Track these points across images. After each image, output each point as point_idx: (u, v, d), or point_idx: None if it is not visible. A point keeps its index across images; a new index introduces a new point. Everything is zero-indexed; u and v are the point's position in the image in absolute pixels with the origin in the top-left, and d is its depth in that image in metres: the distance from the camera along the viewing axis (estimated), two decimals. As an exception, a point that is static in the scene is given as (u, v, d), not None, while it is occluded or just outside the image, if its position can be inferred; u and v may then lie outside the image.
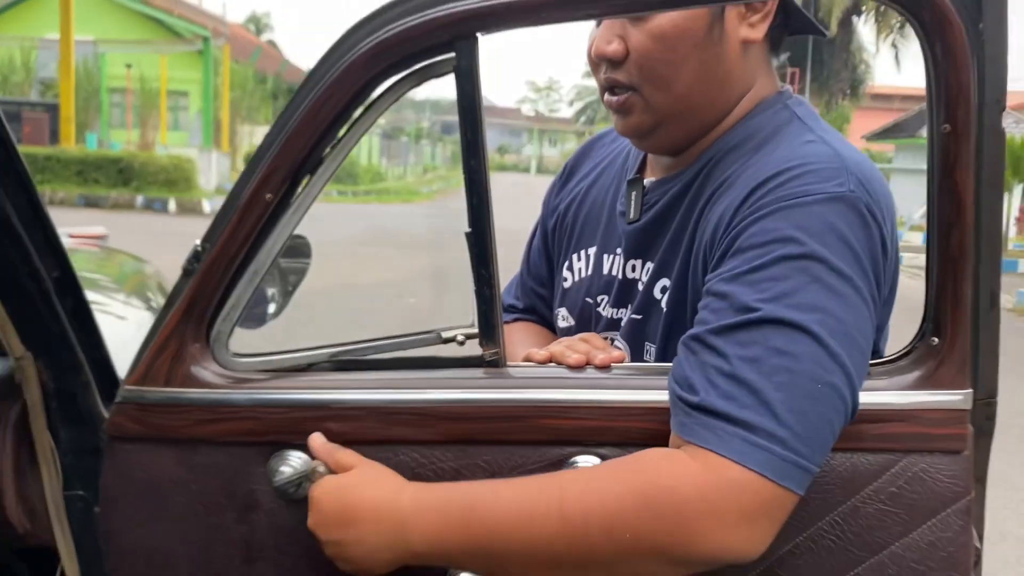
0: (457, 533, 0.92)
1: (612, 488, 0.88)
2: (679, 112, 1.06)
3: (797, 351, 0.86)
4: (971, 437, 0.97)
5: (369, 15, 0.96)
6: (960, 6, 0.87)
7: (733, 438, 0.85)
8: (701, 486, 0.85)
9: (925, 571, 0.95)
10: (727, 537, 0.85)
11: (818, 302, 0.87)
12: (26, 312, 1.04)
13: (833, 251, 0.89)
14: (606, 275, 1.18)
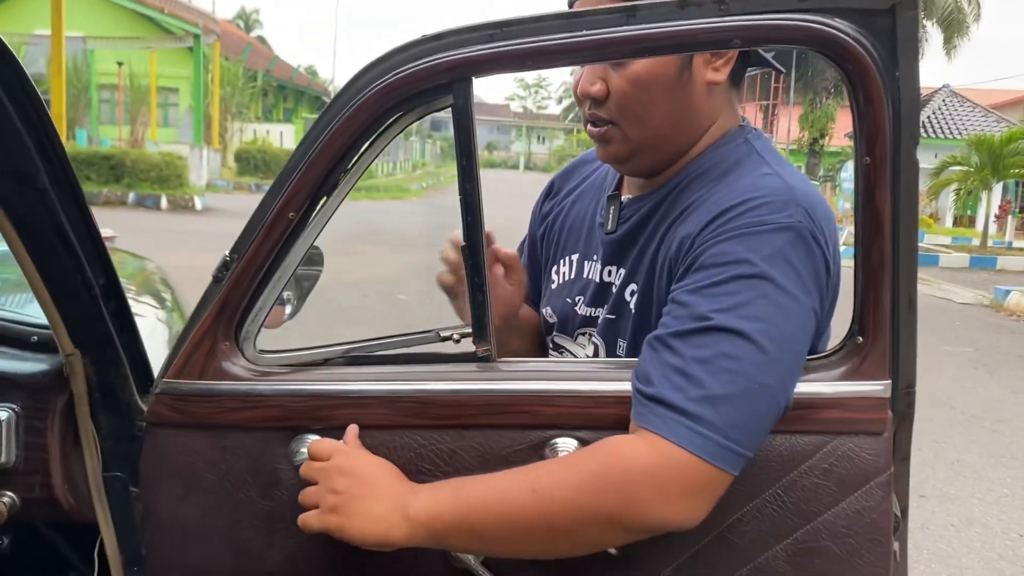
0: (449, 507, 1.06)
1: (577, 468, 1.04)
2: (652, 144, 1.21)
3: (741, 355, 1.01)
4: (891, 421, 1.11)
5: (377, 59, 1.11)
6: (878, 58, 1.01)
7: (678, 425, 1.00)
8: (649, 465, 1.00)
9: (852, 535, 1.10)
10: (669, 509, 1.01)
11: (763, 315, 1.02)
12: (76, 314, 1.17)
13: (780, 272, 1.03)
14: (585, 278, 1.33)
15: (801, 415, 1.09)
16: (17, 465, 1.23)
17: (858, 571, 1.11)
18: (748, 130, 1.24)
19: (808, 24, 1.02)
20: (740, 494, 1.10)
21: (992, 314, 11.08)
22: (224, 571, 1.22)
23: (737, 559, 1.12)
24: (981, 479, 4.76)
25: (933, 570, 3.64)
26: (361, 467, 1.10)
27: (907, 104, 1.04)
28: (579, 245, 1.37)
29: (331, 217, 1.15)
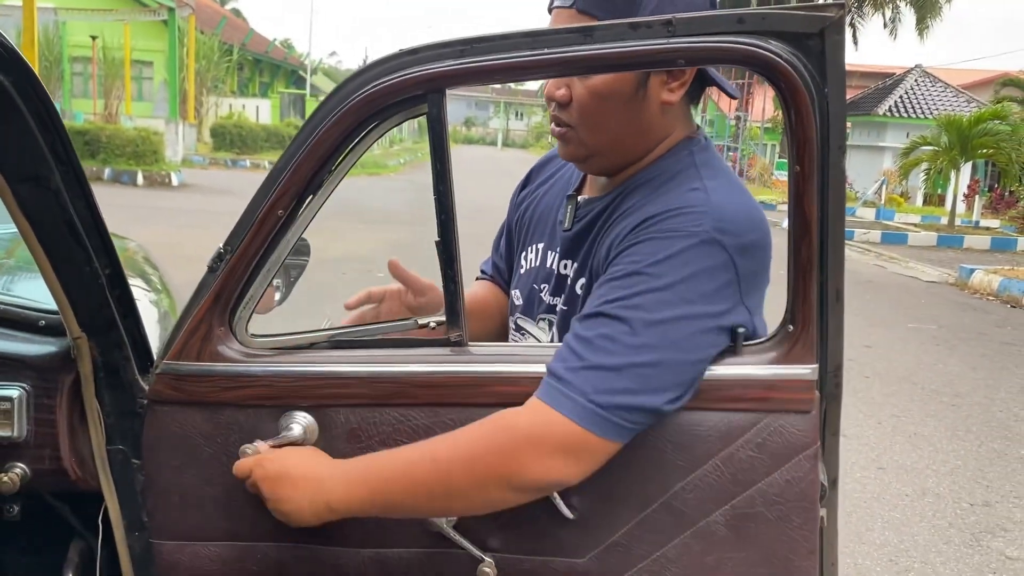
0: (365, 485, 1.22)
1: (469, 435, 1.19)
2: (605, 150, 1.33)
3: (616, 336, 1.15)
4: (818, 400, 1.24)
5: (358, 71, 1.22)
6: (808, 77, 1.13)
7: (552, 389, 1.15)
8: (528, 425, 1.15)
9: (783, 502, 1.23)
10: (545, 467, 1.14)
11: (644, 304, 1.15)
12: (84, 302, 1.27)
13: (674, 272, 1.15)
14: (548, 268, 1.45)
15: (738, 394, 1.22)
16: (28, 439, 1.34)
17: (788, 534, 1.24)
18: (695, 142, 1.34)
19: (745, 46, 1.13)
20: (682, 465, 1.23)
21: (957, 292, 11.35)
22: (219, 534, 1.34)
23: (681, 524, 1.25)
24: (937, 451, 4.96)
25: (886, 538, 3.82)
26: (275, 473, 1.24)
27: (835, 118, 1.16)
28: (544, 235, 1.49)
29: (316, 213, 1.27)
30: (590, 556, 1.27)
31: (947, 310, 9.87)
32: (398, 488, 1.21)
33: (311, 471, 1.24)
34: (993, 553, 3.75)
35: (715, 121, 34.25)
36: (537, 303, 1.47)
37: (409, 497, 1.21)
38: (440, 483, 1.19)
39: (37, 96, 1.11)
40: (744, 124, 30.97)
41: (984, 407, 5.92)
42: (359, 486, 1.22)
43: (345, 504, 1.23)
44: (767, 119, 31.53)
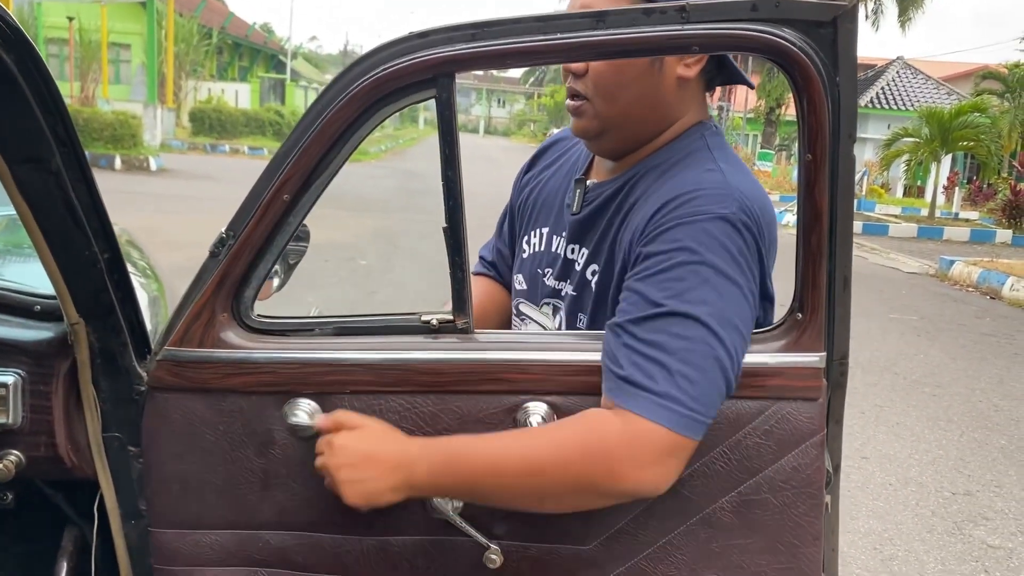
0: (451, 475, 1.20)
1: (562, 439, 1.17)
2: (619, 123, 1.32)
3: (692, 335, 1.14)
4: (825, 388, 1.24)
5: (366, 54, 1.20)
6: (820, 65, 1.13)
7: (647, 401, 1.12)
8: (624, 437, 1.13)
9: (789, 488, 1.24)
10: (642, 475, 1.14)
11: (707, 297, 1.14)
12: (83, 286, 1.24)
13: (719, 258, 1.16)
14: (553, 252, 1.44)
15: (746, 382, 1.22)
16: (23, 426, 1.32)
17: (793, 520, 1.25)
18: (707, 127, 1.34)
19: (759, 33, 1.13)
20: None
21: (937, 283, 11.46)
22: (220, 523, 1.32)
23: (688, 510, 1.25)
24: (919, 441, 5.01)
25: (870, 526, 3.86)
26: (363, 451, 1.20)
27: (846, 106, 1.15)
28: (549, 219, 1.48)
29: (318, 198, 1.25)
30: (596, 543, 1.27)
31: (928, 301, 9.97)
32: (487, 482, 1.19)
33: (398, 453, 1.20)
34: (975, 541, 3.79)
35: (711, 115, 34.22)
36: (540, 287, 1.46)
37: (497, 491, 1.20)
38: (531, 483, 1.18)
39: (39, 75, 1.08)
40: (727, 114, 31.08)
41: (965, 397, 5.98)
42: (445, 474, 1.19)
43: (430, 489, 1.21)
44: (749, 109, 31.64)
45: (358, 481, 1.19)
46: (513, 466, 1.18)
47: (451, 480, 1.20)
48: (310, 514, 1.31)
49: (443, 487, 1.21)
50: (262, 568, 1.33)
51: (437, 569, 1.30)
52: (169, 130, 23.94)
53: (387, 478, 1.19)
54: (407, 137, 43.02)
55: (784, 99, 29.12)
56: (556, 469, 1.16)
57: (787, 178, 26.24)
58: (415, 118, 60.96)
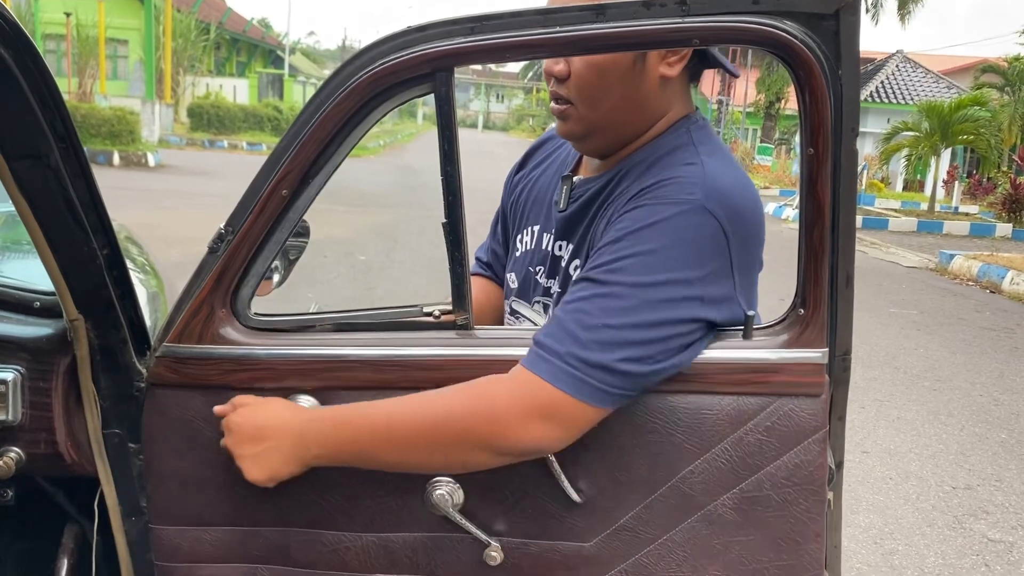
0: (342, 438, 1.21)
1: (455, 395, 1.18)
2: (604, 126, 1.31)
3: (594, 299, 1.14)
4: (827, 384, 1.24)
5: (364, 48, 1.19)
6: (823, 58, 1.12)
7: (533, 355, 1.15)
8: (508, 389, 1.16)
9: (791, 485, 1.23)
10: (525, 429, 1.14)
11: (627, 268, 1.14)
12: (82, 282, 1.24)
13: (660, 238, 1.14)
14: (543, 250, 1.44)
15: (748, 378, 1.21)
16: (23, 423, 1.31)
17: (795, 517, 1.24)
18: (692, 119, 1.33)
19: (760, 26, 1.12)
20: (691, 448, 1.22)
21: (937, 277, 11.45)
22: (220, 519, 1.32)
23: (689, 507, 1.24)
24: (919, 435, 5.01)
25: (871, 520, 3.86)
26: (253, 424, 1.22)
27: (848, 100, 1.15)
28: (540, 217, 1.48)
29: (318, 193, 1.24)
30: (597, 540, 1.26)
31: (928, 295, 9.96)
32: (378, 443, 1.20)
33: (289, 422, 1.22)
34: (976, 535, 3.79)
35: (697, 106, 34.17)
36: (533, 286, 1.45)
37: (388, 447, 1.20)
38: (422, 438, 1.18)
39: (38, 71, 1.08)
40: (726, 109, 31.05)
41: (965, 391, 5.98)
42: (337, 437, 1.21)
43: (325, 455, 1.22)
44: (749, 104, 31.61)
45: (254, 456, 1.22)
46: (403, 424, 1.19)
47: (343, 443, 1.21)
48: (310, 511, 1.30)
49: (337, 452, 1.22)
50: (262, 565, 1.33)
51: (437, 566, 1.30)
52: (167, 126, 23.91)
53: (281, 448, 1.21)
54: (405, 132, 42.99)
55: (784, 93, 29.12)
56: (445, 424, 1.17)
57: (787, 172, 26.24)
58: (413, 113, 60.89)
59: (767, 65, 28.92)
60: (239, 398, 1.26)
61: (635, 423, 1.22)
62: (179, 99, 27.49)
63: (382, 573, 1.31)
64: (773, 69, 28.52)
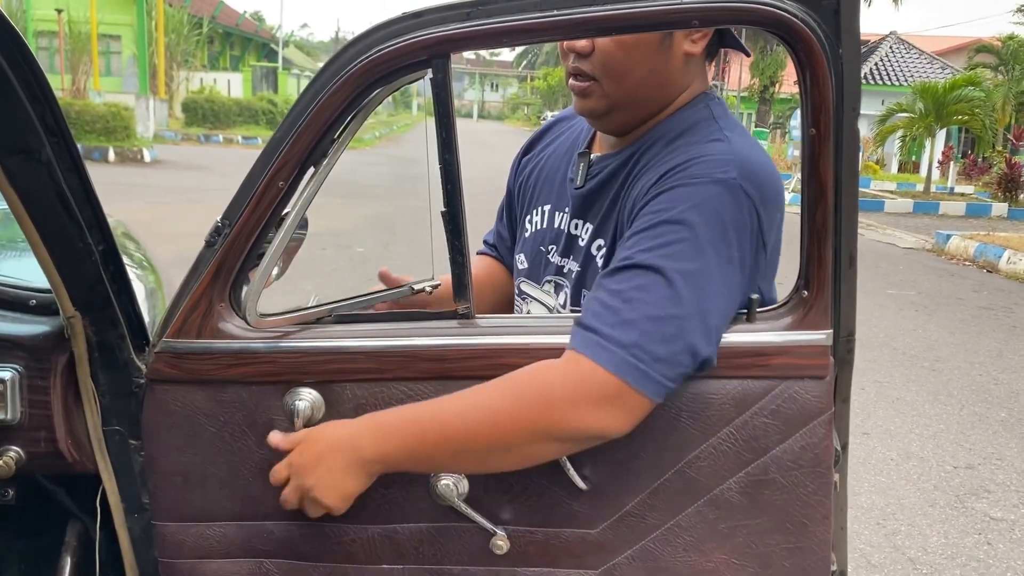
0: (396, 441, 1.17)
1: (503, 387, 1.15)
2: (627, 102, 1.30)
3: (651, 287, 1.12)
4: (832, 366, 1.23)
5: (359, 36, 1.17)
6: (823, 37, 1.11)
7: (590, 341, 1.12)
8: (564, 375, 1.12)
9: (798, 468, 1.22)
10: (584, 416, 1.11)
11: (679, 254, 1.12)
12: (78, 279, 1.23)
13: (703, 220, 1.13)
14: (556, 229, 1.43)
15: (752, 361, 1.20)
16: (22, 422, 1.30)
17: (802, 500, 1.24)
18: (711, 96, 1.34)
19: (760, 6, 1.10)
20: (697, 433, 1.22)
21: (934, 258, 11.45)
22: (224, 515, 1.31)
23: (695, 492, 1.24)
24: (919, 416, 5.01)
25: (873, 501, 3.86)
26: (308, 452, 1.19)
27: (849, 80, 1.13)
28: (551, 197, 1.46)
29: (321, 185, 1.23)
30: (603, 526, 1.26)
31: (925, 276, 9.96)
32: (433, 440, 1.16)
33: (340, 436, 1.19)
34: (977, 514, 3.80)
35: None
36: (544, 265, 1.44)
37: (446, 449, 1.16)
38: (480, 436, 1.14)
39: (27, 66, 1.06)
40: (721, 93, 30.96)
41: (964, 371, 5.99)
42: (390, 441, 1.17)
43: (383, 462, 1.18)
44: (744, 88, 31.53)
45: (317, 481, 1.18)
46: (456, 420, 1.15)
47: (398, 446, 1.17)
48: None
49: (393, 456, 1.18)
50: (267, 559, 1.32)
51: (443, 556, 1.29)
52: (162, 121, 23.84)
53: (338, 465, 1.18)
54: (401, 123, 42.85)
55: (778, 77, 29.05)
56: (503, 418, 1.13)
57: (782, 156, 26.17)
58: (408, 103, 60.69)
59: (761, 49, 28.83)
60: (294, 436, 1.21)
61: None
62: (173, 94, 27.40)
63: (388, 564, 1.30)
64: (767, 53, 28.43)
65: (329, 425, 1.22)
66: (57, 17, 21.79)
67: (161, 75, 25.54)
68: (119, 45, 27.17)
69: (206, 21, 30.95)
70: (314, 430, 1.21)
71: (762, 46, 28.78)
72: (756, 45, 28.98)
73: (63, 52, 22.35)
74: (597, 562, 1.27)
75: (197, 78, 29.72)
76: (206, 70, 32.09)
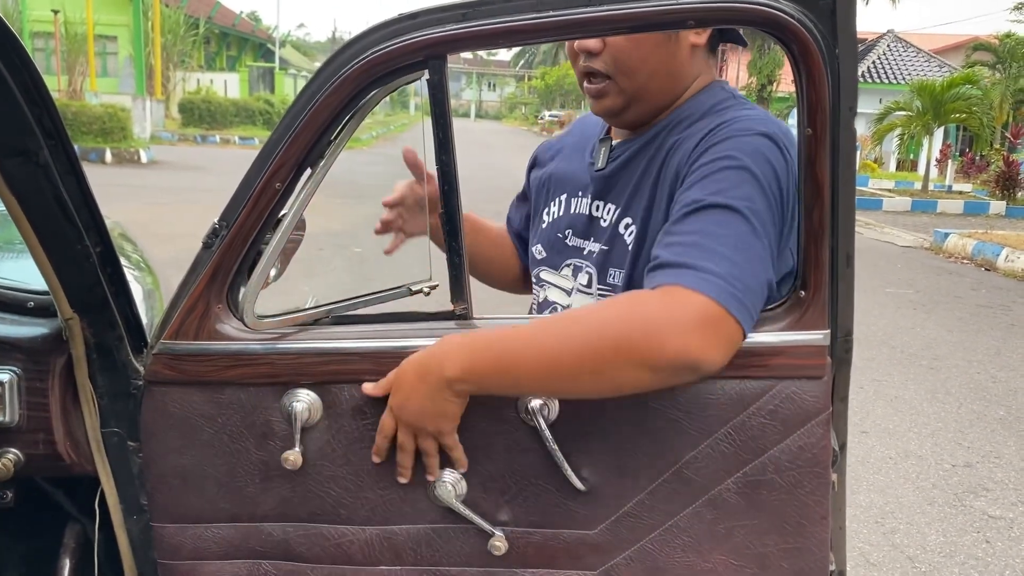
0: (486, 357, 1.15)
1: (601, 309, 1.15)
2: (643, 95, 1.35)
3: (731, 223, 1.15)
4: (830, 366, 1.23)
5: (355, 37, 1.17)
6: (819, 36, 1.11)
7: (683, 274, 1.10)
8: (663, 303, 1.09)
9: (795, 468, 1.22)
10: (686, 342, 1.07)
11: (745, 195, 1.16)
12: (75, 281, 1.23)
13: (758, 166, 1.19)
14: (572, 213, 1.45)
15: (749, 361, 1.20)
16: (20, 424, 1.30)
17: (800, 500, 1.23)
18: (724, 83, 1.41)
19: (756, 5, 1.10)
20: (695, 434, 1.22)
21: (932, 256, 11.47)
22: (221, 515, 1.31)
23: (693, 493, 1.24)
24: (918, 414, 5.02)
25: (871, 500, 3.87)
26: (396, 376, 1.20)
27: (846, 79, 1.13)
28: (566, 188, 1.50)
29: (319, 187, 1.23)
30: (601, 527, 1.26)
31: (923, 274, 9.98)
32: (526, 357, 1.13)
33: (422, 360, 1.18)
34: (976, 512, 3.81)
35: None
36: (561, 250, 1.46)
37: (536, 368, 1.13)
38: (573, 354, 1.11)
39: (24, 67, 1.06)
40: (717, 92, 30.92)
41: (962, 369, 6.00)
42: (481, 352, 1.15)
43: (466, 371, 1.15)
44: (741, 87, 31.54)
45: (420, 413, 1.18)
46: (550, 339, 1.13)
47: (487, 362, 1.15)
48: (311, 505, 1.29)
49: (481, 372, 1.15)
50: (265, 560, 1.32)
51: (441, 557, 1.29)
52: (159, 122, 23.82)
53: (427, 390, 1.16)
54: (398, 123, 42.85)
55: (775, 76, 29.04)
56: (597, 337, 1.10)
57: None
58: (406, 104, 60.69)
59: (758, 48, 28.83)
60: (384, 381, 1.21)
61: (637, 409, 1.21)
62: (170, 95, 27.39)
63: (386, 566, 1.30)
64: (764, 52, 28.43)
65: (415, 355, 1.20)
66: (53, 18, 21.77)
67: (158, 76, 25.53)
68: (115, 46, 27.16)
69: (202, 21, 30.93)
70: (400, 365, 1.20)
71: (759, 45, 28.79)
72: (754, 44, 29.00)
73: (59, 53, 22.32)
74: (595, 563, 1.27)
75: (194, 78, 29.71)
76: (203, 70, 32.08)
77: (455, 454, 1.23)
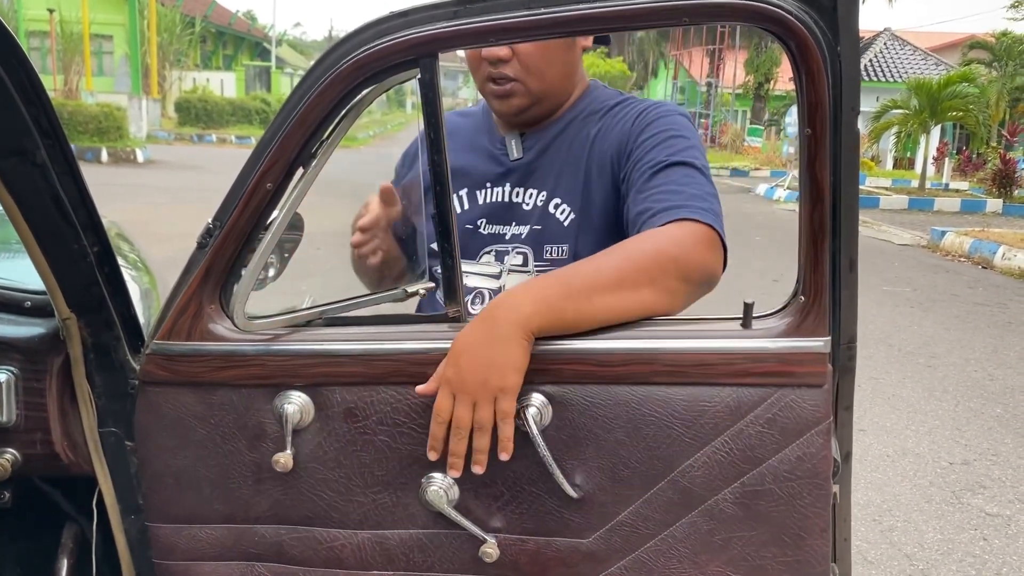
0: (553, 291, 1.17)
1: (641, 241, 1.27)
2: (546, 95, 1.50)
3: (692, 174, 1.36)
4: (830, 374, 1.19)
5: (347, 36, 1.16)
6: (820, 34, 1.09)
7: (682, 210, 1.28)
8: (680, 231, 1.26)
9: (794, 479, 1.19)
10: (704, 256, 1.25)
11: (692, 155, 1.39)
12: (73, 281, 1.22)
13: (690, 134, 1.45)
14: (484, 204, 1.53)
15: (747, 368, 1.17)
16: (18, 424, 1.30)
17: (799, 512, 1.20)
18: (601, 83, 1.63)
19: (754, 3, 1.08)
20: (691, 442, 1.19)
21: (929, 254, 11.47)
22: (215, 516, 1.30)
23: (689, 502, 1.21)
24: (915, 412, 5.02)
25: (869, 498, 3.87)
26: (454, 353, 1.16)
27: (848, 78, 1.10)
28: (465, 183, 1.56)
29: (311, 186, 1.22)
30: (594, 536, 1.24)
31: (920, 272, 9.98)
32: (593, 280, 1.19)
33: (485, 313, 1.16)
34: (974, 510, 3.81)
35: (686, 88, 34.13)
36: (474, 240, 1.52)
37: (606, 286, 1.19)
38: (635, 270, 1.21)
39: (21, 67, 1.05)
40: (715, 91, 30.96)
41: (959, 367, 6.00)
42: (552, 286, 1.18)
43: (541, 303, 1.16)
44: (738, 85, 31.53)
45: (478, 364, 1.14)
46: (611, 260, 1.22)
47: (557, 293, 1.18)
48: (304, 508, 1.28)
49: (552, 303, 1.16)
50: (259, 563, 1.31)
51: (433, 563, 1.28)
52: (155, 121, 23.77)
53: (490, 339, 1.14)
54: (395, 122, 42.73)
55: (773, 74, 29.04)
56: (651, 254, 1.23)
57: (777, 153, 26.19)
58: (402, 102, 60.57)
59: (755, 46, 28.81)
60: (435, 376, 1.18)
61: (631, 416, 1.19)
62: (166, 94, 27.33)
63: (378, 570, 1.29)
64: (762, 50, 28.41)
65: (469, 324, 1.17)
66: (49, 17, 21.69)
67: (154, 75, 25.47)
68: (111, 45, 27.10)
69: (199, 20, 30.86)
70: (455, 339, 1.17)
71: (756, 43, 28.77)
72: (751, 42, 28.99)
73: (55, 52, 22.26)
74: (589, 572, 1.25)
75: (190, 78, 29.65)
76: (199, 69, 32.02)
77: (507, 426, 1.16)
